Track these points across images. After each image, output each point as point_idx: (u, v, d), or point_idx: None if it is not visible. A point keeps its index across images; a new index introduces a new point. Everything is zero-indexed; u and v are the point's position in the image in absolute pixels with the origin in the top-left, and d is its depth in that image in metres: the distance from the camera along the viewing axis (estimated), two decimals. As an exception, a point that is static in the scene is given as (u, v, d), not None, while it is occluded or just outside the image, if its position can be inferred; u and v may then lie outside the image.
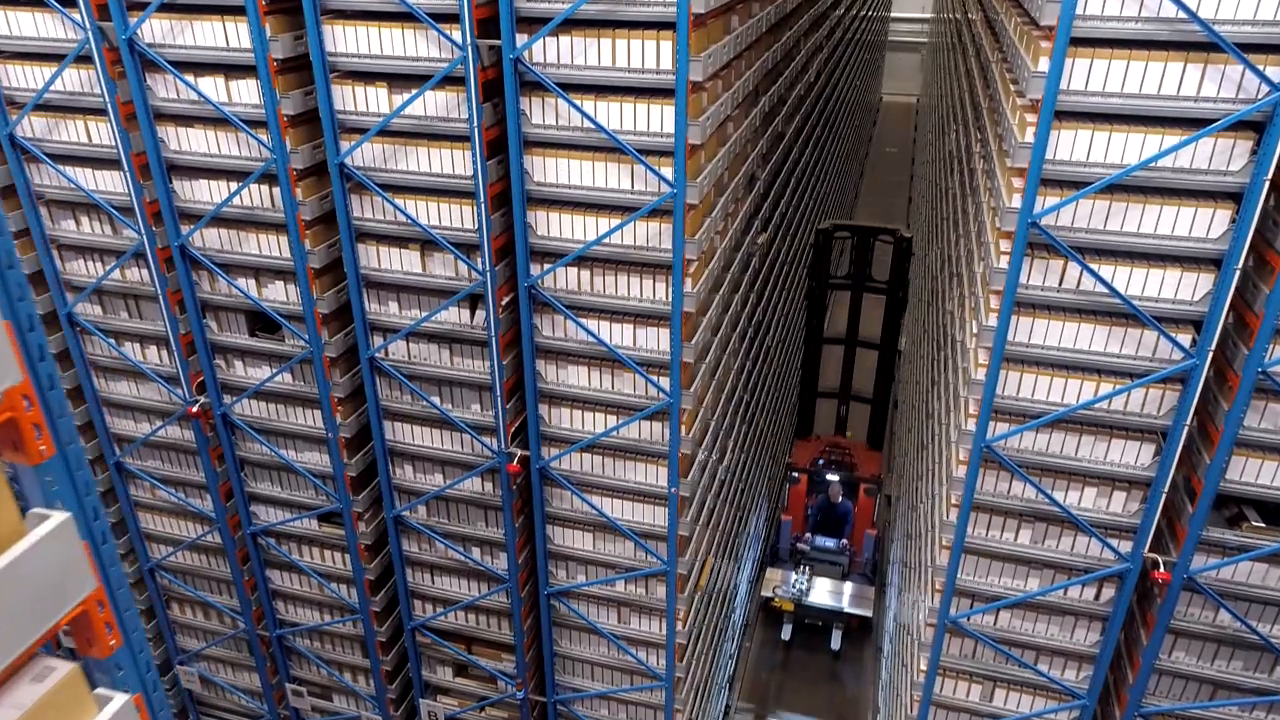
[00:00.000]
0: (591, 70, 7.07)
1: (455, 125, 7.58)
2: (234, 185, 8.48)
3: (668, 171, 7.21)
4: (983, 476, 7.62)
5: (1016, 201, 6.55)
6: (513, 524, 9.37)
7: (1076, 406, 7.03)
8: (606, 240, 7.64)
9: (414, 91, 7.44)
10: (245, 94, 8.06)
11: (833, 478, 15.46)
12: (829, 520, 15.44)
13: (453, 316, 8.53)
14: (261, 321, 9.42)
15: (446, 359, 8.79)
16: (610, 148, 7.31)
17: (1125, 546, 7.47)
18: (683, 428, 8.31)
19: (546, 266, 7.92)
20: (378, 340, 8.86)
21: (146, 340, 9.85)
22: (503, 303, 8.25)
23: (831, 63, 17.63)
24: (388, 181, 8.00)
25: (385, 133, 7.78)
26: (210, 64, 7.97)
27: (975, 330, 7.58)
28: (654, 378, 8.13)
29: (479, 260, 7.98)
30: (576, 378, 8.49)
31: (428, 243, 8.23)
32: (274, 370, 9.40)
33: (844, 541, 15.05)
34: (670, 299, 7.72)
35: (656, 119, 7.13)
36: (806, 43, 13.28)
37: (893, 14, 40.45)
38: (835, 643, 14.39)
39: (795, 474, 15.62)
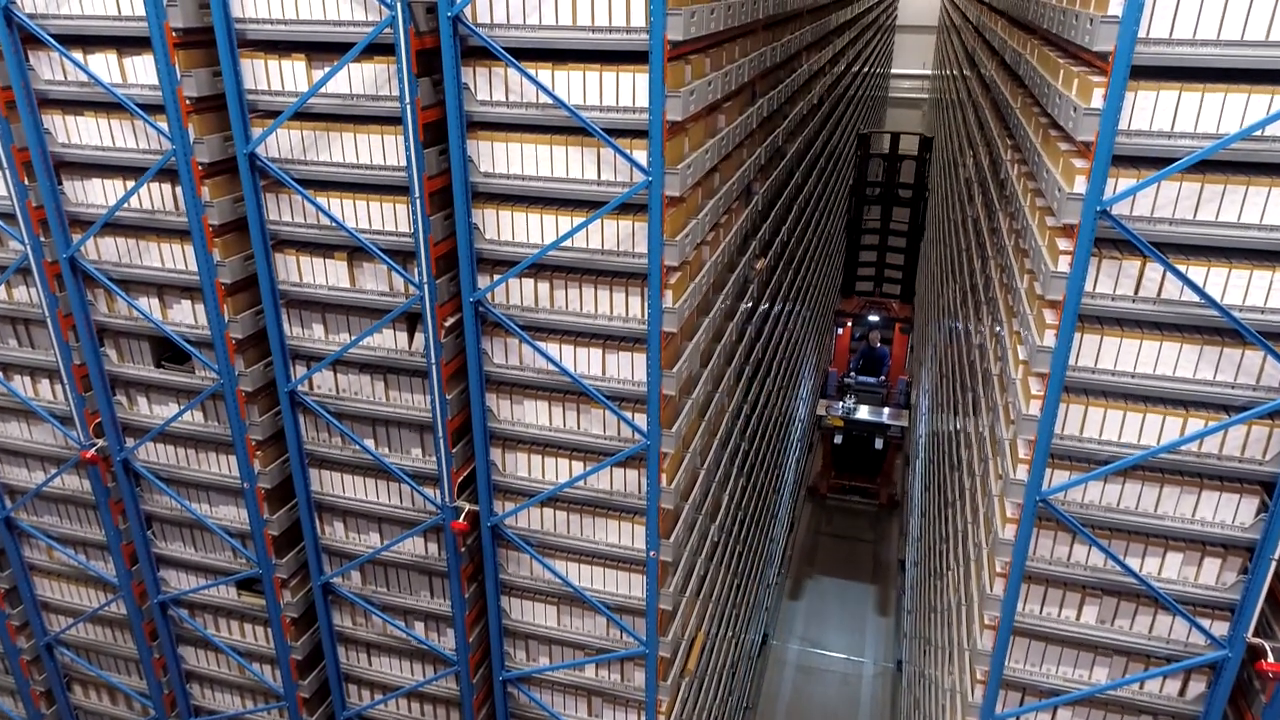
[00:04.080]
0: (548, 31, 5.77)
1: (386, 105, 6.27)
2: (133, 185, 7.14)
3: (641, 156, 5.86)
4: (1036, 538, 6.09)
5: (1080, 186, 5.16)
6: (461, 594, 7.80)
7: (1157, 449, 5.53)
8: (568, 243, 6.26)
9: (335, 63, 6.14)
10: (142, 73, 6.77)
11: (874, 318, 18.78)
12: (869, 362, 18.46)
13: (388, 341, 7.11)
14: (170, 349, 8.00)
15: (381, 393, 7.33)
16: (573, 128, 5.98)
17: (1220, 629, 5.90)
18: (663, 476, 6.82)
19: (496, 277, 6.53)
20: (300, 370, 7.42)
21: (38, 372, 8.41)
22: (446, 323, 6.84)
23: (833, 99, 16.57)
24: (307, 176, 6.66)
25: (303, 115, 6.47)
26: (100, 36, 6.70)
27: (1024, 355, 6.13)
28: (628, 415, 6.67)
29: (416, 271, 6.59)
30: (534, 415, 7.03)
31: (356, 250, 6.86)
32: (179, 407, 7.94)
33: (882, 378, 18.00)
34: (647, 316, 6.30)
35: (628, 91, 5.81)
36: (809, 59, 12.13)
37: (893, 70, 40.07)
38: (878, 444, 17.41)
39: (843, 317, 18.86)
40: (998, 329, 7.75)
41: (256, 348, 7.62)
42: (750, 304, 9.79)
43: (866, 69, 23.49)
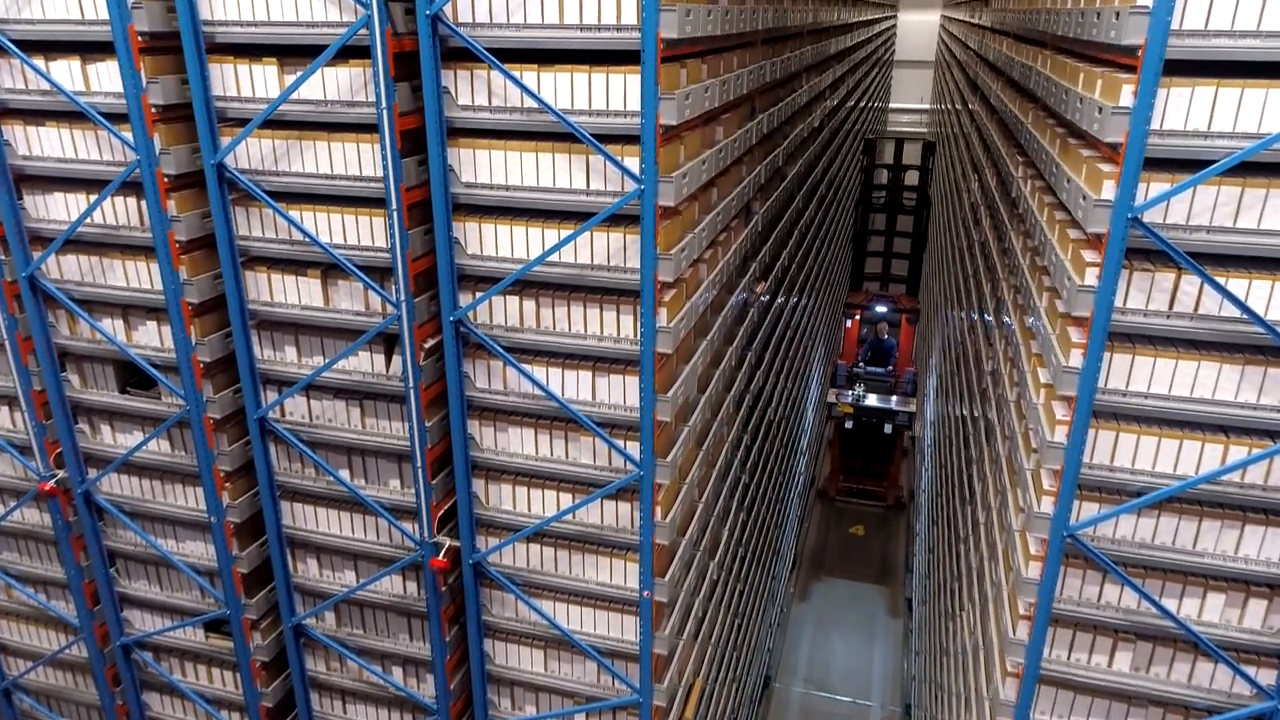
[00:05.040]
0: (534, 30, 5.40)
1: (362, 111, 5.90)
2: (95, 198, 6.75)
3: (633, 163, 5.46)
4: (1063, 578, 5.60)
5: (1108, 192, 4.76)
6: (442, 637, 7.28)
7: (1195, 480, 5.07)
8: (555, 258, 5.84)
9: (307, 67, 5.77)
10: (106, 80, 6.40)
11: (881, 308, 19.16)
12: (877, 354, 18.79)
13: (364, 364, 6.68)
14: (135, 374, 7.55)
15: (356, 420, 6.88)
16: (560, 134, 5.60)
17: (1267, 677, 5.39)
18: (658, 509, 6.34)
19: (479, 295, 6.10)
20: (270, 396, 6.97)
21: (-3, 399, 7.98)
22: (425, 345, 6.40)
23: (833, 126, 16.33)
24: (279, 188, 6.28)
25: (274, 123, 6.09)
26: (63, 42, 6.34)
27: (1046, 378, 5.68)
28: (620, 442, 6.21)
29: (394, 289, 6.16)
30: (520, 444, 6.57)
31: (331, 267, 6.44)
32: (144, 436, 7.47)
33: (890, 368, 18.47)
34: (639, 336, 5.87)
35: (619, 94, 5.43)
36: (809, 80, 11.84)
37: (892, 104, 40.07)
38: (887, 429, 17.83)
39: (851, 309, 19.35)
40: (1013, 352, 7.31)
41: (225, 372, 7.18)
42: (750, 328, 9.36)
43: (866, 102, 23.46)
